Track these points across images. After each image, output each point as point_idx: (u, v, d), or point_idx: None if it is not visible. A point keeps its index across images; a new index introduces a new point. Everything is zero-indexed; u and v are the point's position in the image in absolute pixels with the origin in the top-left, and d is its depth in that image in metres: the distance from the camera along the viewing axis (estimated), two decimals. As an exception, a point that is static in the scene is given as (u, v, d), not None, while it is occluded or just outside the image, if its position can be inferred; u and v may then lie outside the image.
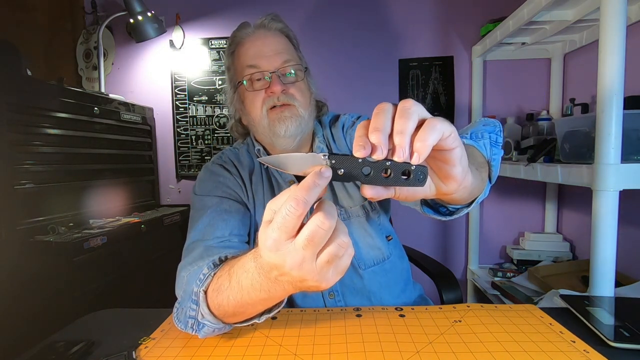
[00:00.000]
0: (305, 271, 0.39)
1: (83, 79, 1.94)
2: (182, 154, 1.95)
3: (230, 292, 0.49)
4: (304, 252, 0.37)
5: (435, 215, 0.59)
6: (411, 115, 0.36)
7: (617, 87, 0.82)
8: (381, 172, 0.37)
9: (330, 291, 0.78)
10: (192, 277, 0.58)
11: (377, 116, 0.37)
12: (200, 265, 0.58)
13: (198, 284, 0.54)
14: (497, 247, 1.86)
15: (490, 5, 1.74)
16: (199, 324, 0.54)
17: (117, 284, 1.32)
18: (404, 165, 0.36)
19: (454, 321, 0.61)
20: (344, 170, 0.37)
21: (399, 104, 0.37)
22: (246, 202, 0.79)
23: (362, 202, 0.82)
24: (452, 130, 0.38)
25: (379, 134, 0.35)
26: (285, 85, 0.75)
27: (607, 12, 0.83)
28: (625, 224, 1.25)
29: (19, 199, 1.13)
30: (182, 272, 0.62)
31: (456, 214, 0.58)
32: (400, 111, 0.37)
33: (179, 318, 0.58)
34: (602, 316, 0.60)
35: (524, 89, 1.77)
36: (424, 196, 0.44)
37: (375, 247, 0.81)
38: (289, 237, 0.38)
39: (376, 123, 0.36)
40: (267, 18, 0.79)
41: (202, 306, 0.53)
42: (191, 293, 0.55)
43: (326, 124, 0.89)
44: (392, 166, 0.36)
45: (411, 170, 0.36)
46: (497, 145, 0.64)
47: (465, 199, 0.50)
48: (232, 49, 0.81)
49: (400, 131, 0.36)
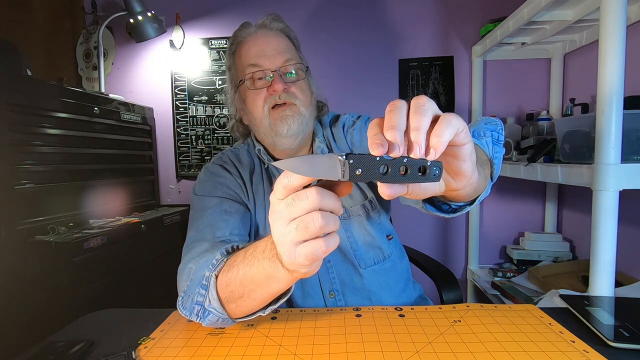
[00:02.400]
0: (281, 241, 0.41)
1: (83, 79, 1.94)
2: (182, 154, 1.95)
3: (241, 266, 0.51)
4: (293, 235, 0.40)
5: (438, 213, 0.59)
6: (426, 112, 0.36)
7: (617, 87, 0.82)
8: (398, 169, 0.36)
9: (330, 290, 0.78)
10: (202, 265, 0.58)
11: (392, 113, 0.36)
12: (211, 256, 0.58)
13: (210, 269, 0.55)
14: (497, 247, 1.86)
15: (490, 5, 1.74)
16: (204, 310, 0.55)
17: (117, 284, 1.32)
18: (420, 162, 0.36)
19: (454, 321, 0.61)
20: (362, 170, 0.36)
21: (412, 100, 0.37)
22: (247, 203, 0.79)
23: (362, 201, 0.82)
24: (465, 126, 0.38)
25: (395, 131, 0.35)
26: (287, 84, 0.75)
27: (607, 12, 0.83)
28: (625, 224, 1.25)
29: (19, 199, 1.13)
30: (188, 265, 0.63)
31: (459, 211, 0.58)
32: (414, 107, 0.36)
33: (184, 305, 0.58)
34: (601, 316, 0.60)
35: (524, 89, 1.77)
36: (433, 193, 0.44)
37: (375, 246, 0.81)
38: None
39: (391, 120, 0.36)
40: (269, 18, 0.80)
41: (211, 291, 0.54)
42: (201, 278, 0.56)
43: (326, 124, 0.89)
44: (408, 163, 0.36)
45: (427, 166, 0.36)
46: (499, 144, 0.64)
47: (469, 195, 0.51)
48: (233, 49, 0.81)
49: (416, 127, 0.35)
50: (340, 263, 0.79)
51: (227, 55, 0.84)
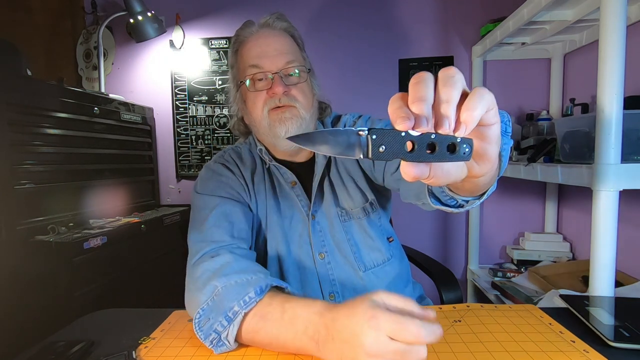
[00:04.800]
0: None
1: (83, 79, 1.94)
2: (182, 154, 1.95)
3: (275, 326, 0.51)
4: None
5: (445, 208, 0.55)
6: (456, 83, 0.33)
7: (617, 87, 0.82)
8: (425, 147, 0.32)
9: (330, 292, 0.78)
10: (232, 293, 0.55)
11: (418, 85, 0.33)
12: (242, 289, 0.56)
13: (241, 305, 0.54)
14: (497, 247, 1.86)
15: (490, 5, 1.74)
16: (219, 341, 0.54)
17: (117, 284, 1.32)
18: (449, 138, 0.33)
19: (454, 321, 0.61)
20: (385, 147, 0.32)
21: (440, 71, 0.34)
22: (248, 203, 0.79)
23: (363, 203, 0.82)
24: (495, 104, 0.35)
25: (422, 103, 0.32)
26: (288, 86, 0.74)
27: (607, 12, 0.83)
28: (625, 224, 1.25)
29: (19, 199, 1.13)
30: (212, 282, 0.58)
31: (467, 205, 0.53)
32: (444, 79, 0.33)
33: (200, 326, 0.55)
34: (602, 316, 0.60)
35: (524, 89, 1.77)
36: (455, 179, 0.39)
37: (375, 248, 0.80)
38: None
39: (418, 92, 0.32)
40: (272, 17, 0.78)
41: (234, 326, 0.53)
42: (228, 309, 0.54)
43: (328, 125, 0.88)
44: (437, 139, 0.32)
45: (457, 143, 0.33)
46: (507, 135, 0.60)
47: (484, 186, 0.47)
48: (235, 47, 0.80)
49: (447, 100, 0.32)
50: (341, 265, 0.79)
51: (229, 52, 0.83)
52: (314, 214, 0.80)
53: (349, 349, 0.44)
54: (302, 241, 0.79)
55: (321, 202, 0.81)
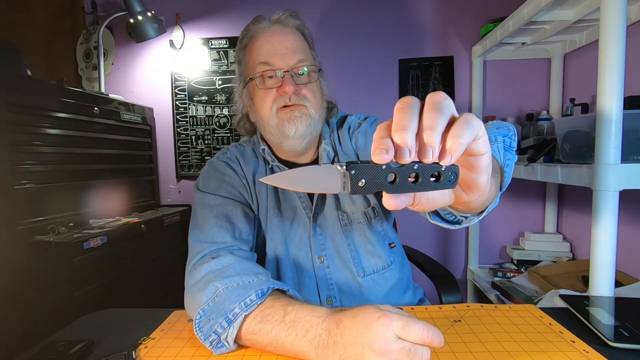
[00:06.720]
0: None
1: (83, 79, 1.94)
2: (182, 154, 1.95)
3: (276, 328, 0.51)
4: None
5: (443, 224, 0.55)
6: (443, 109, 0.31)
7: (617, 87, 0.82)
8: (407, 177, 0.32)
9: (327, 297, 0.77)
10: (233, 295, 0.55)
11: (401, 112, 0.31)
12: (243, 291, 0.56)
13: (242, 307, 0.53)
14: (497, 247, 1.86)
15: (490, 5, 1.74)
16: (219, 342, 0.53)
17: (117, 284, 1.32)
18: (433, 167, 0.31)
19: (454, 321, 0.61)
20: (366, 181, 0.31)
21: (427, 96, 0.33)
22: (250, 203, 0.78)
23: (364, 208, 0.80)
24: (485, 132, 0.33)
25: (404, 132, 0.30)
26: (298, 85, 0.73)
27: (607, 12, 0.83)
28: (625, 224, 1.25)
29: (19, 199, 1.13)
30: (214, 283, 0.58)
31: (465, 222, 0.54)
32: (430, 104, 0.32)
33: (200, 327, 0.55)
34: (601, 316, 0.60)
35: (524, 89, 1.77)
36: (442, 205, 0.39)
37: (375, 254, 0.79)
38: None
39: (401, 120, 0.31)
40: (285, 14, 0.77)
41: (234, 328, 0.53)
42: (229, 311, 0.53)
43: (333, 126, 0.86)
44: (420, 169, 0.31)
45: (441, 171, 0.32)
46: (511, 150, 0.58)
47: (479, 207, 0.46)
48: (244, 43, 0.78)
49: (430, 127, 0.31)
50: (339, 270, 0.78)
51: (237, 47, 0.81)
52: (315, 217, 0.79)
53: (353, 350, 0.44)
54: (302, 244, 0.78)
55: (323, 206, 0.80)
